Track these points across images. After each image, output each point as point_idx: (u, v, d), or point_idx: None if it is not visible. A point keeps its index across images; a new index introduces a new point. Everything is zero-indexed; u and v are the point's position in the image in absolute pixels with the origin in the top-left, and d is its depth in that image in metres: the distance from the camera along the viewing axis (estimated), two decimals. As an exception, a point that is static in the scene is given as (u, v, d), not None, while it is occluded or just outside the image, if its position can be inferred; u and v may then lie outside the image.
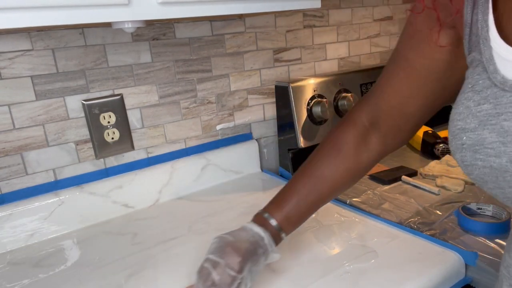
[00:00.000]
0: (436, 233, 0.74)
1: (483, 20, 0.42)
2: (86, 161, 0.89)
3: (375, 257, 0.68)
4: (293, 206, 0.62)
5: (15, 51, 0.78)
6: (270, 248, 0.59)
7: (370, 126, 0.61)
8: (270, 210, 0.62)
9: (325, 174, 0.62)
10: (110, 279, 0.68)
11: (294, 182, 0.64)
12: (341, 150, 0.62)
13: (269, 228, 0.60)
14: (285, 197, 0.63)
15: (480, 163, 0.40)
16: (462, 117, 0.42)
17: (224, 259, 0.55)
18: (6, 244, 0.80)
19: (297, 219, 0.63)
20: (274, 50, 1.11)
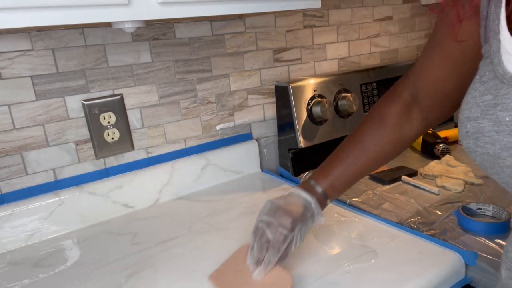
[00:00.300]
0: (436, 233, 0.74)
1: (495, 13, 0.43)
2: (86, 161, 0.89)
3: (375, 257, 0.68)
4: (338, 175, 0.66)
5: (15, 51, 0.78)
6: (317, 212, 0.64)
7: (412, 100, 0.64)
8: (316, 178, 0.66)
9: (368, 146, 0.65)
10: (110, 279, 0.68)
11: (339, 152, 0.68)
12: (384, 123, 0.65)
13: (315, 194, 0.65)
14: (330, 166, 0.67)
15: (480, 150, 0.43)
16: (468, 107, 0.44)
17: (277, 220, 0.60)
18: (6, 244, 0.80)
19: (341, 187, 0.68)
20: (274, 50, 1.11)
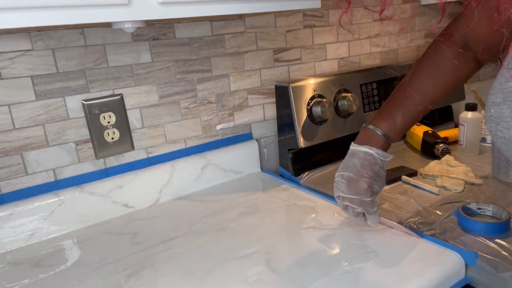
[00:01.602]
0: (436, 233, 0.74)
1: None
2: (86, 161, 0.89)
3: (375, 257, 0.68)
4: (399, 118, 0.69)
5: (15, 51, 0.78)
6: (383, 158, 0.68)
7: (464, 44, 0.67)
8: (376, 123, 0.70)
9: (426, 88, 0.68)
10: (110, 279, 0.68)
11: (397, 97, 0.70)
12: (440, 64, 0.68)
13: (375, 139, 0.68)
14: (390, 110, 0.70)
15: (499, 134, 0.45)
16: (494, 92, 0.46)
17: (356, 194, 0.67)
18: (6, 244, 0.80)
19: (402, 128, 0.70)
20: (274, 50, 1.11)
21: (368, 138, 0.69)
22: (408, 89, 0.69)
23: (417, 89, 0.69)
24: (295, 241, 0.75)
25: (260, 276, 0.65)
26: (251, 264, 0.69)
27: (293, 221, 0.83)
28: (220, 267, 0.68)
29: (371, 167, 0.67)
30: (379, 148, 0.68)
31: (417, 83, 0.69)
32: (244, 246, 0.75)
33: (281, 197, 0.95)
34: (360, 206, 0.68)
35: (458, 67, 0.68)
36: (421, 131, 1.18)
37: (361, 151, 0.68)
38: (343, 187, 0.69)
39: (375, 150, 0.67)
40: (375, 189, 0.68)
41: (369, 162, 0.67)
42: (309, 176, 1.06)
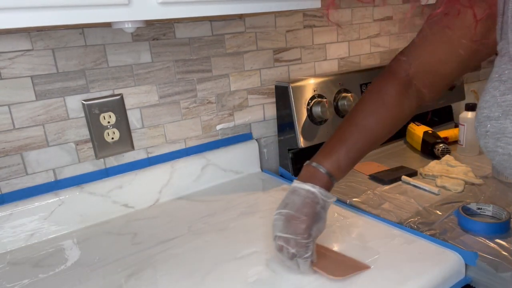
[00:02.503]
0: (436, 233, 0.74)
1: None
2: (86, 161, 0.89)
3: (375, 257, 0.68)
4: (343, 154, 0.65)
5: (15, 51, 0.78)
6: (325, 198, 0.63)
7: (408, 78, 0.66)
8: (319, 160, 0.66)
9: (370, 124, 0.66)
10: (110, 279, 0.68)
11: (341, 133, 0.68)
12: (384, 102, 0.66)
13: (318, 177, 0.64)
14: (332, 147, 0.67)
15: (500, 151, 0.42)
16: (488, 106, 0.44)
17: (292, 234, 0.61)
18: (6, 244, 0.80)
19: (346, 166, 0.67)
20: (274, 50, 1.11)
21: (311, 175, 0.65)
22: (352, 125, 0.67)
23: (361, 125, 0.66)
24: (295, 241, 0.75)
25: (260, 276, 0.65)
26: (251, 264, 0.69)
27: (293, 221, 0.83)
28: (220, 267, 0.68)
29: (312, 206, 0.62)
30: (322, 187, 0.63)
31: (361, 119, 0.67)
32: (244, 246, 0.75)
33: (281, 197, 0.95)
34: (295, 247, 0.60)
35: (402, 104, 0.66)
36: (421, 131, 1.18)
37: (303, 188, 0.63)
38: (280, 225, 0.62)
39: (318, 189, 0.63)
40: (313, 231, 0.62)
41: (310, 200, 0.62)
42: (309, 176, 1.05)
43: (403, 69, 0.66)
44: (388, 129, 0.68)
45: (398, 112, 0.67)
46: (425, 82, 0.65)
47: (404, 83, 0.66)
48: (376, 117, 0.66)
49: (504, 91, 0.42)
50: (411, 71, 0.65)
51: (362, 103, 0.68)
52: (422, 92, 0.67)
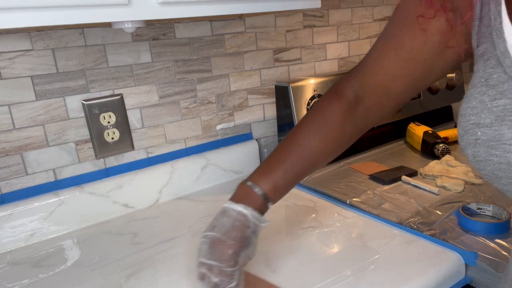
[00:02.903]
0: (436, 233, 0.74)
1: (495, 11, 0.41)
2: (86, 161, 0.89)
3: (375, 257, 0.68)
4: (280, 175, 0.61)
5: (15, 51, 0.78)
6: (258, 222, 0.58)
7: (355, 99, 0.62)
8: (255, 180, 0.61)
9: (311, 144, 0.62)
10: (110, 279, 0.68)
11: (280, 152, 0.63)
12: (327, 122, 0.62)
13: (252, 198, 0.59)
14: (270, 167, 0.62)
15: (496, 159, 0.39)
16: (476, 112, 0.41)
17: (217, 260, 0.55)
18: (6, 244, 0.80)
19: (284, 188, 0.63)
20: (274, 50, 1.11)
21: (245, 195, 0.59)
22: (293, 145, 0.63)
23: (302, 145, 0.62)
24: (295, 241, 0.75)
25: (260, 276, 0.65)
26: (251, 264, 0.69)
27: (293, 221, 0.83)
28: (220, 267, 0.68)
29: (242, 230, 0.56)
30: (256, 209, 0.58)
31: (302, 139, 0.62)
32: (244, 246, 0.75)
33: (281, 197, 0.95)
34: (218, 276, 0.54)
35: (346, 126, 0.62)
36: (421, 131, 1.18)
37: (234, 209, 0.58)
38: (204, 250, 0.56)
39: (250, 211, 0.57)
40: (241, 258, 0.56)
41: (240, 223, 0.57)
42: (309, 176, 1.05)
43: (351, 89, 0.62)
44: (329, 151, 0.64)
45: (341, 134, 0.63)
46: (375, 102, 0.61)
47: (350, 104, 0.62)
48: (318, 138, 0.62)
49: (495, 96, 0.39)
50: (360, 90, 0.61)
51: (305, 122, 0.64)
52: (370, 114, 0.63)
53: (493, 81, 0.40)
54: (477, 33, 0.44)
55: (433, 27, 0.50)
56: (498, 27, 0.41)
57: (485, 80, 0.41)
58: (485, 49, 0.42)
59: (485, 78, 0.41)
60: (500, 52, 0.40)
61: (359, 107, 0.62)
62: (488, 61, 0.41)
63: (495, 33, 0.41)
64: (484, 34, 0.42)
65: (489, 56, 0.42)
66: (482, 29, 0.43)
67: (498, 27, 0.41)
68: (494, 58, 0.41)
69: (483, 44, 0.43)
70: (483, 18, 0.43)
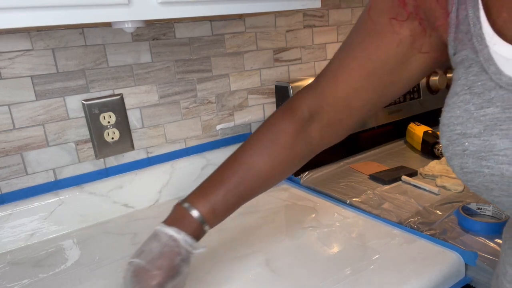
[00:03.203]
0: (436, 233, 0.74)
1: (474, 16, 0.39)
2: (86, 161, 0.89)
3: (375, 257, 0.68)
4: (221, 196, 0.56)
5: (15, 51, 0.78)
6: (190, 248, 0.54)
7: (310, 116, 0.58)
8: (192, 200, 0.56)
9: (258, 163, 0.57)
10: (110, 279, 0.68)
11: (223, 171, 0.59)
12: (277, 140, 0.58)
13: (188, 221, 0.55)
14: (211, 186, 0.57)
15: (487, 171, 0.37)
16: (462, 121, 0.39)
17: None
18: (6, 244, 0.80)
19: (224, 211, 0.58)
20: (274, 50, 1.11)
21: (180, 218, 0.55)
22: (237, 163, 0.58)
23: (247, 164, 0.57)
24: (295, 241, 0.75)
25: (260, 276, 0.65)
26: (251, 264, 0.69)
27: (293, 221, 0.83)
28: (219, 267, 0.68)
29: (171, 257, 0.52)
30: (190, 233, 0.54)
31: (247, 158, 0.58)
32: (244, 246, 0.75)
33: (281, 197, 0.95)
34: None
35: (297, 146, 0.58)
36: (421, 131, 1.18)
37: (165, 233, 0.53)
38: (128, 279, 0.52)
39: (183, 236, 0.53)
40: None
41: (170, 250, 0.52)
42: (309, 176, 1.06)
43: (306, 105, 0.58)
44: (277, 172, 0.59)
45: (291, 154, 0.58)
46: (332, 119, 0.57)
47: (304, 121, 0.58)
48: (266, 157, 0.57)
49: (482, 104, 0.37)
50: (316, 106, 0.57)
51: (252, 140, 0.59)
52: (325, 132, 0.59)
53: (477, 89, 0.38)
54: (454, 40, 0.41)
55: (405, 30, 0.47)
56: (478, 33, 0.39)
57: (469, 88, 0.39)
58: (464, 56, 0.40)
59: (468, 86, 0.39)
60: (484, 58, 0.38)
61: (314, 124, 0.58)
62: (470, 68, 0.39)
63: (476, 40, 0.39)
64: (463, 40, 0.40)
65: (470, 63, 0.39)
66: (459, 36, 0.41)
67: (478, 33, 0.39)
68: (477, 65, 0.39)
69: (462, 51, 0.41)
70: (460, 24, 0.40)
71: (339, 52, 0.56)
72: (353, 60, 0.53)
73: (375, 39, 0.50)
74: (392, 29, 0.48)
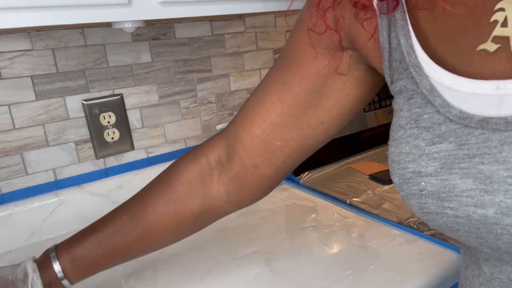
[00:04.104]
0: (436, 233, 0.74)
1: (407, 45, 0.35)
2: (86, 161, 0.89)
3: (375, 257, 0.68)
4: (87, 248, 0.49)
5: (15, 51, 0.78)
6: None
7: (217, 165, 0.51)
8: (61, 248, 0.50)
9: (143, 214, 0.50)
10: (110, 279, 0.68)
11: (108, 217, 0.52)
12: (172, 188, 0.50)
13: (47, 270, 0.49)
14: (84, 234, 0.51)
15: (450, 212, 0.33)
16: (413, 158, 0.34)
17: None
18: (6, 244, 0.80)
19: (87, 265, 0.50)
20: (274, 50, 1.11)
21: (44, 264, 0.50)
22: (125, 209, 0.52)
23: (133, 212, 0.51)
24: (295, 241, 0.75)
25: (260, 276, 0.65)
26: (251, 264, 0.69)
27: (293, 221, 0.83)
28: (219, 267, 0.68)
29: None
30: (46, 283, 0.48)
31: (136, 205, 0.51)
32: (244, 246, 0.75)
33: (281, 197, 0.95)
34: None
35: (191, 198, 0.50)
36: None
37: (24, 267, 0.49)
38: None
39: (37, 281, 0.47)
40: None
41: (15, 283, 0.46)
42: (309, 176, 1.06)
43: (214, 152, 0.51)
44: (163, 227, 0.50)
45: (180, 208, 0.50)
46: (246, 166, 0.49)
47: (207, 170, 0.50)
48: (151, 207, 0.50)
49: (433, 140, 0.33)
50: (226, 153, 0.50)
51: (146, 187, 0.53)
52: (233, 188, 0.50)
53: (425, 123, 0.34)
54: (389, 68, 0.37)
55: (322, 44, 0.42)
56: (414, 62, 0.34)
57: (415, 122, 0.35)
58: (402, 86, 0.36)
59: (413, 119, 0.35)
60: (426, 90, 0.34)
61: (221, 175, 0.50)
62: (412, 100, 0.35)
63: (413, 70, 0.35)
64: (398, 69, 0.36)
65: (411, 94, 0.35)
66: (393, 64, 0.37)
67: (414, 63, 0.34)
68: (419, 96, 0.35)
69: (399, 81, 0.37)
70: (393, 53, 0.36)
71: (259, 84, 0.49)
72: (273, 92, 0.46)
73: (294, 62, 0.45)
74: (309, 41, 0.43)
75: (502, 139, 0.30)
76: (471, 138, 0.31)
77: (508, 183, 0.29)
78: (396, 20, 0.36)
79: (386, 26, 0.36)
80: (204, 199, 0.51)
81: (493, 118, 0.30)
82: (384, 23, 0.36)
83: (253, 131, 0.47)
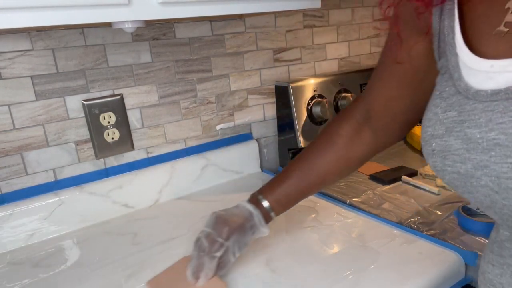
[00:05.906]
0: (436, 233, 0.74)
1: (449, 26, 0.42)
2: (86, 161, 0.89)
3: (375, 257, 0.68)
4: (284, 191, 0.67)
5: (15, 51, 0.78)
6: (259, 223, 0.65)
7: (363, 121, 0.64)
8: (263, 192, 0.68)
9: (317, 164, 0.66)
10: (110, 279, 0.68)
11: (289, 169, 0.68)
12: (335, 143, 0.65)
13: (260, 207, 0.66)
14: (278, 182, 0.68)
15: (449, 169, 0.40)
16: (431, 124, 0.42)
17: (215, 229, 0.62)
18: (6, 244, 0.80)
19: (287, 202, 0.69)
20: (274, 50, 1.11)
21: (257, 204, 0.67)
22: (301, 163, 0.67)
23: (308, 164, 0.66)
24: (295, 241, 0.75)
25: (260, 276, 0.65)
26: (251, 264, 0.69)
27: (293, 221, 0.83)
28: (220, 267, 0.68)
29: (244, 221, 0.64)
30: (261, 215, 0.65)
31: (309, 158, 0.66)
32: (244, 246, 0.75)
33: (281, 197, 0.95)
34: (208, 243, 0.61)
35: (352, 147, 0.65)
36: (421, 131, 1.18)
37: (244, 206, 0.66)
38: (209, 222, 0.64)
39: (257, 212, 0.65)
40: (232, 240, 0.62)
41: (245, 216, 0.64)
42: (309, 176, 1.05)
43: (360, 111, 0.64)
44: (334, 173, 0.67)
45: (346, 156, 0.65)
46: (382, 123, 0.62)
47: (359, 125, 0.64)
48: (324, 158, 0.65)
49: (446, 108, 0.41)
50: (367, 112, 0.63)
51: (314, 142, 0.68)
52: (378, 135, 0.64)
53: (445, 94, 0.42)
54: (438, 48, 0.45)
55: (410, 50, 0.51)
56: (451, 42, 0.42)
57: (439, 93, 0.43)
58: (442, 63, 0.44)
59: (439, 91, 0.43)
60: (452, 66, 0.41)
61: (368, 128, 0.64)
62: (444, 75, 0.43)
63: (448, 48, 0.42)
64: (442, 49, 0.44)
65: (445, 71, 0.43)
66: (441, 45, 0.44)
67: (451, 42, 0.42)
68: (448, 72, 0.42)
69: (441, 59, 0.44)
70: (440, 34, 0.44)
71: (378, 62, 0.60)
72: (385, 72, 0.58)
73: (393, 53, 0.54)
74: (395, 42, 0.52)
75: (483, 108, 0.37)
76: (466, 107, 0.39)
77: (479, 143, 0.37)
78: (445, 6, 0.43)
79: (439, 10, 0.44)
80: (360, 146, 0.65)
81: (482, 90, 0.38)
82: (437, 9, 0.44)
83: (379, 102, 0.60)
